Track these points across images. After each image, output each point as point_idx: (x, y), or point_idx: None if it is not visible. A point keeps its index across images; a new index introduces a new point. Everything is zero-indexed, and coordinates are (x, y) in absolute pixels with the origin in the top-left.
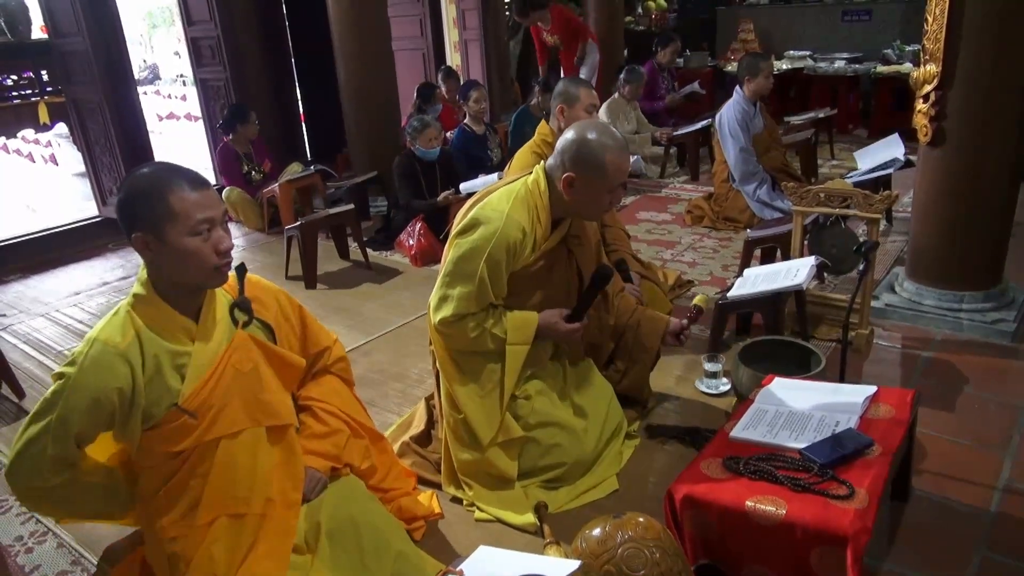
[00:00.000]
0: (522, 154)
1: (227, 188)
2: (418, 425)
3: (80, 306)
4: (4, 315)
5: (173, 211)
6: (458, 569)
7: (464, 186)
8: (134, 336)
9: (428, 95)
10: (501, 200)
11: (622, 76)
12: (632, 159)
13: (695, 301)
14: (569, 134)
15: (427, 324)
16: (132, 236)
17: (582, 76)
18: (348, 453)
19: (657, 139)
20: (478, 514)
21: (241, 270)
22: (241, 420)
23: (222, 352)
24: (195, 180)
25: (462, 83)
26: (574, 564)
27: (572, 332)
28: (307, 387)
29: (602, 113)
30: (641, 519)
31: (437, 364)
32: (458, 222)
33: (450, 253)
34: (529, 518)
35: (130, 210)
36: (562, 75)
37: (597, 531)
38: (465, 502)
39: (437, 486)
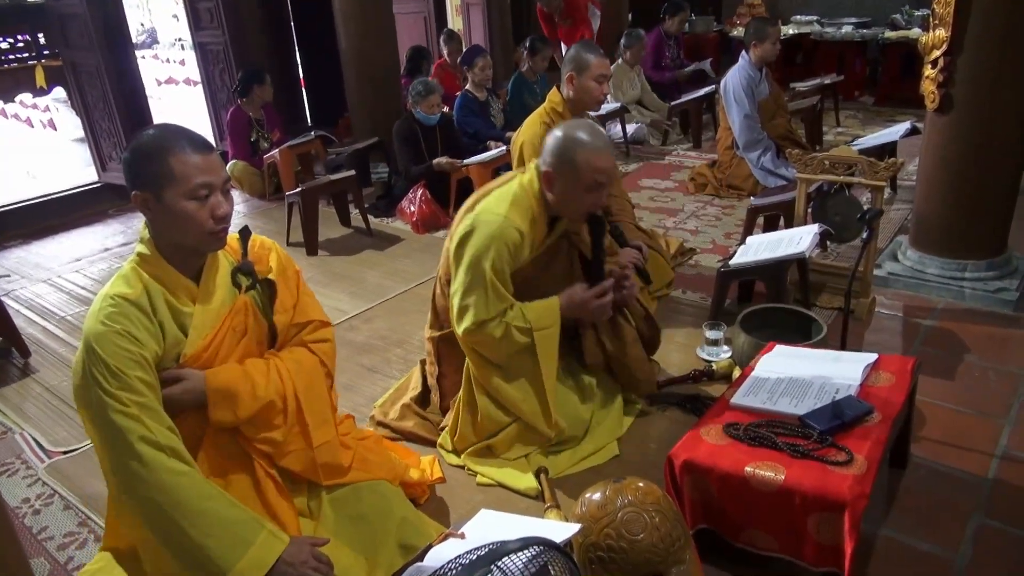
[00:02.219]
0: (531, 123)
1: (232, 161)
2: (415, 387)
3: (82, 272)
4: (8, 275)
5: (172, 172)
6: (459, 532)
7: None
8: (143, 288)
9: (418, 63)
10: (499, 203)
11: (622, 41)
12: (636, 125)
13: (718, 366)
14: (554, 130)
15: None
16: (132, 194)
17: None
18: (247, 401)
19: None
20: (480, 478)
21: (245, 233)
22: None
23: (224, 315)
24: (198, 143)
25: (464, 48)
26: (574, 527)
27: (597, 299)
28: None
29: None
30: (641, 484)
31: (471, 368)
32: (456, 224)
33: (456, 265)
34: (530, 482)
35: (133, 168)
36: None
37: (597, 495)
38: (467, 467)
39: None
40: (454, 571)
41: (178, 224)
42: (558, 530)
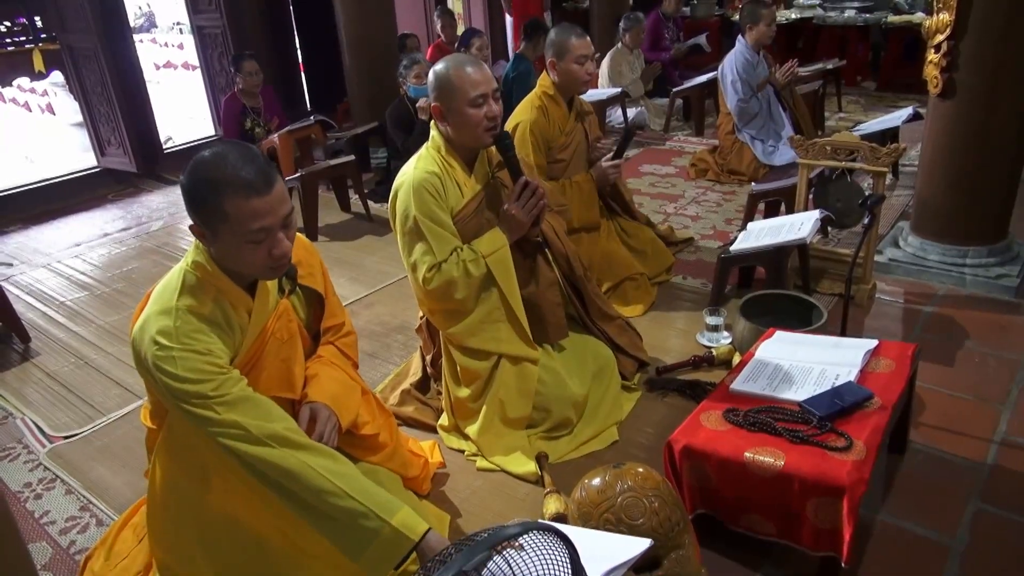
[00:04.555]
0: (523, 108)
1: None
2: (415, 373)
3: (81, 257)
4: (11, 263)
5: (227, 215)
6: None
7: None
8: (212, 300)
9: (401, 46)
10: (410, 162)
11: (621, 24)
12: (636, 110)
13: (718, 352)
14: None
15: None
16: (189, 224)
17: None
18: (352, 408)
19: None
20: (480, 463)
21: None
22: (268, 388)
23: (267, 320)
24: (258, 181)
25: (462, 30)
26: (645, 542)
27: (517, 202)
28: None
29: (605, 64)
30: (640, 469)
31: (441, 333)
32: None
33: (396, 233)
34: (530, 467)
35: (188, 196)
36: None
37: (597, 481)
38: (466, 452)
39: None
40: (453, 555)
41: (232, 259)
42: (627, 545)
